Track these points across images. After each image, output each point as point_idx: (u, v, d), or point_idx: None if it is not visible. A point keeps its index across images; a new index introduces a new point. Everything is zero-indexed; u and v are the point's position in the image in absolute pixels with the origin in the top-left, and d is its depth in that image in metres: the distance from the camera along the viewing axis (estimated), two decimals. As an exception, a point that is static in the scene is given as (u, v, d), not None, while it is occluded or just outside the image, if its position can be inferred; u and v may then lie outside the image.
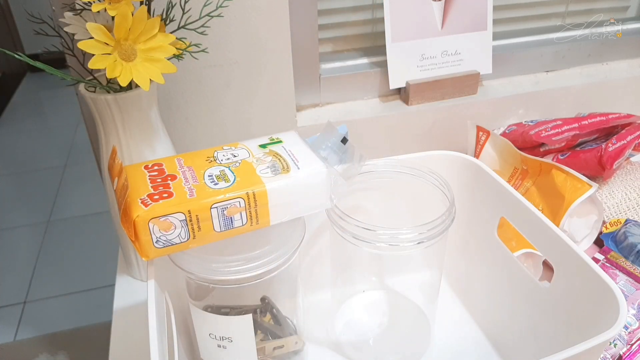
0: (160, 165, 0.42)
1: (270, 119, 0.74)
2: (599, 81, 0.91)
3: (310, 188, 0.42)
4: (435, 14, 0.80)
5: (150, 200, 0.37)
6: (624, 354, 0.52)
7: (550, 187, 0.66)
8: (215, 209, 0.38)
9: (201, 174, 0.41)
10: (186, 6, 0.54)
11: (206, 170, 0.41)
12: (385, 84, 0.81)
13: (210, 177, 0.40)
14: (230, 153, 0.43)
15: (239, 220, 0.40)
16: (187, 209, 0.38)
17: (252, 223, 0.40)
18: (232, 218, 0.39)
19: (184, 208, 0.38)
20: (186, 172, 0.41)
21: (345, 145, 0.49)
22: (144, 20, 0.47)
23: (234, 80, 0.70)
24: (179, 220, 0.38)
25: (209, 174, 0.41)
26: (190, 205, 0.38)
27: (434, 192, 0.50)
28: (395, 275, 0.60)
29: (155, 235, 0.37)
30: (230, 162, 0.42)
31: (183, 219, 0.38)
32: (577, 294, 0.43)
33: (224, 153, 0.43)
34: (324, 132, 0.49)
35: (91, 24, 0.45)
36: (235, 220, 0.40)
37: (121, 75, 0.46)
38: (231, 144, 0.45)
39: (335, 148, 0.49)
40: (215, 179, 0.40)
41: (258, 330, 0.46)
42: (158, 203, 0.37)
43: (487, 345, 0.54)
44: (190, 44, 0.53)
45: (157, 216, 0.37)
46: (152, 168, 0.42)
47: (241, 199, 0.39)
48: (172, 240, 0.38)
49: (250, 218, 0.40)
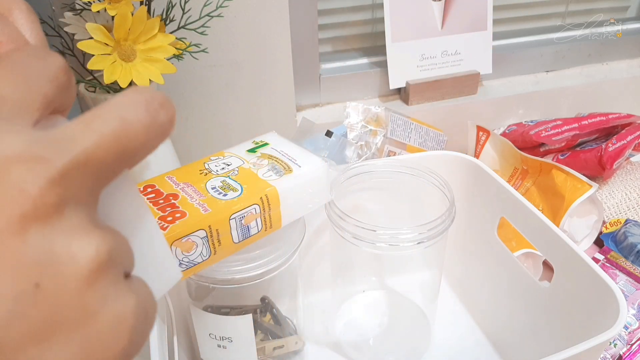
0: (153, 186, 0.39)
1: (270, 118, 0.74)
2: (599, 81, 0.91)
3: (313, 184, 0.42)
4: (435, 14, 0.80)
5: (165, 223, 0.35)
6: (624, 354, 0.52)
7: (550, 187, 0.66)
8: (233, 219, 0.37)
9: (202, 187, 0.38)
10: (186, 6, 0.54)
11: (206, 184, 0.39)
12: (385, 84, 0.81)
13: (215, 189, 0.38)
14: (222, 162, 0.41)
15: (255, 228, 0.39)
16: (208, 224, 0.35)
17: (266, 228, 0.39)
18: (249, 226, 0.38)
19: (204, 224, 0.35)
20: (185, 188, 0.38)
21: (330, 138, 0.49)
22: (143, 20, 0.47)
23: (234, 80, 0.70)
24: (200, 238, 0.35)
25: (212, 186, 0.38)
26: (210, 220, 0.36)
27: (434, 192, 0.50)
28: (395, 275, 0.60)
29: (178, 259, 0.35)
30: (228, 172, 0.40)
31: (204, 235, 0.35)
32: (577, 294, 0.43)
33: (215, 164, 0.41)
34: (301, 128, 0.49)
35: (91, 24, 0.45)
36: (252, 228, 0.38)
37: (121, 75, 0.46)
38: (217, 154, 0.43)
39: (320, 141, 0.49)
40: (221, 190, 0.38)
41: (258, 330, 0.46)
42: (175, 224, 0.35)
43: (487, 345, 0.54)
44: (190, 44, 0.53)
45: (178, 238, 0.34)
46: (146, 191, 0.39)
47: (256, 205, 0.38)
48: (195, 260, 0.36)
49: (265, 223, 0.39)
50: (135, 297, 0.16)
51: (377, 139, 0.71)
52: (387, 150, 0.72)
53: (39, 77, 0.16)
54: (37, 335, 0.13)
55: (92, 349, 0.14)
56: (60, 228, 0.14)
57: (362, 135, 0.72)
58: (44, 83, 0.16)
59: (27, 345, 0.13)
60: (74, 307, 0.14)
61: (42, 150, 0.14)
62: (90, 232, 0.15)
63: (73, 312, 0.14)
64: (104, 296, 0.14)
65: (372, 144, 0.71)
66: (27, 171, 0.13)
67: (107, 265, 0.15)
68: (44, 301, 0.13)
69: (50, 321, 0.13)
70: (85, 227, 0.15)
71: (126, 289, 0.15)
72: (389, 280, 0.60)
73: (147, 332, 0.16)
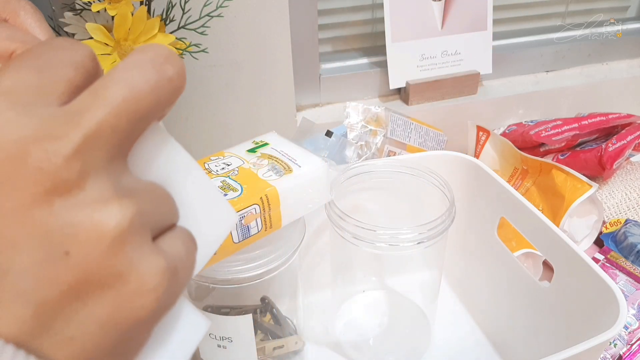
0: None
1: (270, 118, 0.74)
2: (599, 81, 0.91)
3: (313, 184, 0.42)
4: (435, 14, 0.80)
5: None
6: (624, 354, 0.52)
7: (550, 187, 0.66)
8: None
9: None
10: (186, 6, 0.54)
11: None
12: (385, 84, 0.81)
13: None
14: (222, 162, 0.41)
15: (255, 228, 0.39)
16: None
17: (266, 228, 0.39)
18: (248, 226, 0.38)
19: None
20: None
21: (330, 138, 0.49)
22: (143, 20, 0.47)
23: (234, 80, 0.70)
24: None
25: None
26: None
27: (434, 192, 0.50)
28: (395, 275, 0.60)
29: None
30: (227, 172, 0.40)
31: None
32: (577, 294, 0.43)
33: (215, 164, 0.41)
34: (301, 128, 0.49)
35: (91, 24, 0.45)
36: (252, 228, 0.38)
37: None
38: (217, 154, 0.43)
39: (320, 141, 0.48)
40: (220, 190, 0.38)
41: (258, 330, 0.46)
42: None
43: (487, 345, 0.54)
44: (190, 44, 0.53)
45: None
46: None
47: (256, 205, 0.38)
48: None
49: (265, 223, 0.39)
50: (162, 259, 0.16)
51: (377, 139, 0.71)
52: (387, 150, 0.72)
53: (63, 65, 0.17)
54: (71, 295, 0.15)
55: (121, 308, 0.16)
56: (82, 200, 0.15)
57: (362, 135, 0.72)
58: (69, 70, 0.17)
59: (63, 304, 0.15)
60: (102, 272, 0.15)
61: (55, 128, 0.15)
62: (111, 201, 0.15)
63: (101, 276, 0.15)
64: (130, 260, 0.15)
65: (372, 144, 0.71)
66: (43, 151, 0.14)
67: (130, 232, 0.15)
68: (74, 266, 0.15)
69: (82, 283, 0.15)
70: (107, 197, 0.15)
71: (153, 251, 0.16)
72: (389, 280, 0.60)
73: (177, 292, 0.17)
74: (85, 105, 0.16)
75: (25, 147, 0.14)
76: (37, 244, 0.14)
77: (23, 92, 0.15)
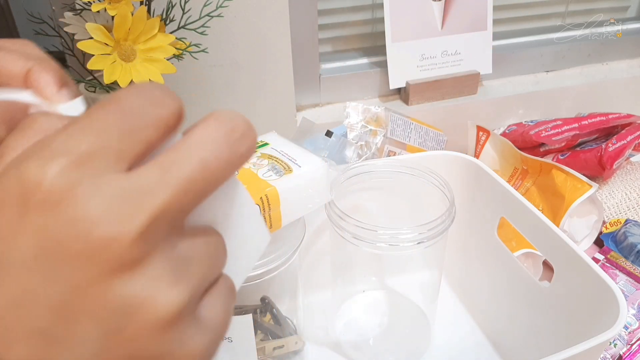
0: None
1: (270, 118, 0.74)
2: (599, 81, 0.91)
3: (313, 184, 0.42)
4: (435, 14, 0.80)
5: None
6: (624, 354, 0.52)
7: (550, 187, 0.66)
8: None
9: None
10: (186, 6, 0.54)
11: None
12: (385, 84, 0.81)
13: None
14: None
15: None
16: None
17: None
18: None
19: None
20: None
21: (330, 138, 0.49)
22: (143, 20, 0.47)
23: (234, 80, 0.70)
24: None
25: None
26: None
27: (434, 192, 0.50)
28: (395, 275, 0.60)
29: None
30: None
31: None
32: (577, 294, 0.43)
33: None
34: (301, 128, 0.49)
35: (91, 24, 0.45)
36: None
37: (121, 75, 0.46)
38: None
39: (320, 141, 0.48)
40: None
41: (258, 330, 0.46)
42: None
43: (487, 345, 0.54)
44: (190, 44, 0.53)
45: None
46: None
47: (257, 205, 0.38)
48: None
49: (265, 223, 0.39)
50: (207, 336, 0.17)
51: (377, 139, 0.71)
52: (387, 150, 0.72)
53: (147, 124, 0.16)
54: None
55: None
56: (142, 279, 0.15)
57: (362, 135, 0.72)
58: (152, 131, 0.16)
59: None
60: (153, 349, 0.16)
61: (124, 209, 0.15)
62: (169, 282, 0.16)
63: (152, 352, 0.16)
64: (180, 339, 0.16)
65: (372, 144, 0.71)
66: (109, 232, 0.15)
67: (182, 313, 0.16)
68: (127, 342, 0.15)
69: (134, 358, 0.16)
70: (165, 277, 0.16)
71: (200, 329, 0.17)
72: (389, 280, 0.60)
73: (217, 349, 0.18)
74: (153, 181, 0.15)
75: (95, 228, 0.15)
76: (96, 318, 0.15)
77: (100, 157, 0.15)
